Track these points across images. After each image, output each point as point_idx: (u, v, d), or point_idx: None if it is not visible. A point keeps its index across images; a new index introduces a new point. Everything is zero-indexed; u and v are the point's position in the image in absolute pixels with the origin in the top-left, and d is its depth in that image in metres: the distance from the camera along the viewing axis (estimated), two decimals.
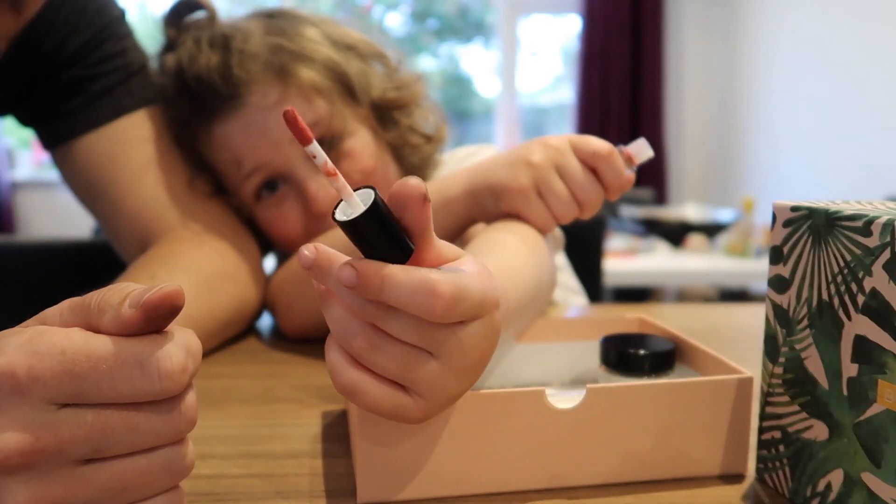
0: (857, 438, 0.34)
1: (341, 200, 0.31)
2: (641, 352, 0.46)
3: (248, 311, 0.71)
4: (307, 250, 0.32)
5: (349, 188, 0.31)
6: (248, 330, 0.75)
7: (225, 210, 0.75)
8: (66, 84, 0.69)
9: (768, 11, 3.45)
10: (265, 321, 0.80)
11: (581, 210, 0.58)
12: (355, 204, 0.31)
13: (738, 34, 3.70)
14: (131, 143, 0.71)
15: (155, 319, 0.28)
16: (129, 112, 0.71)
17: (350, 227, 0.31)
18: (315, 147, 0.30)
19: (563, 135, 0.59)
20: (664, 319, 0.57)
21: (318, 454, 0.45)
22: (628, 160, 0.58)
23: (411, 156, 0.80)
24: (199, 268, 0.65)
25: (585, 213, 0.58)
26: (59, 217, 3.83)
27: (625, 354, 0.46)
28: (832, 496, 0.36)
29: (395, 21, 4.15)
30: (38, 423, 0.27)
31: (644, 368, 0.46)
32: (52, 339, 0.27)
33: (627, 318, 0.55)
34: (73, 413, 0.27)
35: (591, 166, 0.57)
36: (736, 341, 0.75)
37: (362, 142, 0.74)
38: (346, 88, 0.74)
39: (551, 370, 0.53)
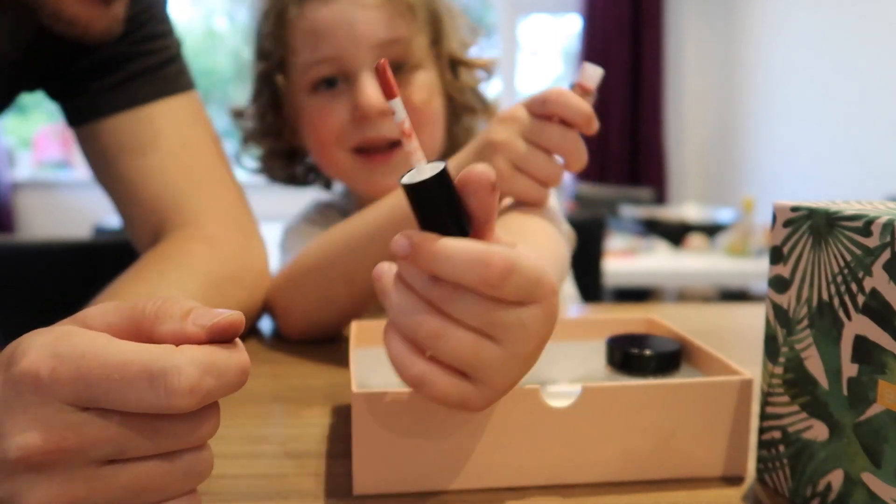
0: (857, 438, 0.34)
1: (410, 170, 0.32)
2: (646, 352, 0.46)
3: (254, 315, 0.70)
4: (403, 236, 0.32)
5: (422, 153, 0.31)
6: (248, 330, 0.75)
7: (243, 206, 0.73)
8: (104, 60, 0.67)
9: (768, 11, 3.45)
10: (266, 321, 0.80)
11: (565, 163, 0.57)
12: (424, 170, 0.31)
13: (738, 34, 3.70)
14: (161, 129, 0.69)
15: (217, 341, 0.29)
16: (163, 97, 0.69)
17: (414, 190, 0.31)
18: (398, 103, 0.31)
19: (515, 104, 0.58)
20: (664, 319, 0.57)
21: (319, 454, 0.45)
22: (583, 92, 0.56)
23: (463, 117, 0.82)
24: (208, 269, 0.64)
25: (570, 164, 0.57)
26: (59, 217, 3.83)
27: (629, 355, 0.46)
28: (832, 496, 0.36)
29: None
30: (64, 423, 0.27)
31: (649, 369, 0.46)
32: (76, 340, 0.28)
33: (636, 318, 0.55)
34: (99, 415, 0.28)
35: (551, 116, 0.55)
36: (736, 341, 0.75)
37: (428, 80, 0.77)
38: (435, 27, 0.77)
39: (557, 370, 0.53)
